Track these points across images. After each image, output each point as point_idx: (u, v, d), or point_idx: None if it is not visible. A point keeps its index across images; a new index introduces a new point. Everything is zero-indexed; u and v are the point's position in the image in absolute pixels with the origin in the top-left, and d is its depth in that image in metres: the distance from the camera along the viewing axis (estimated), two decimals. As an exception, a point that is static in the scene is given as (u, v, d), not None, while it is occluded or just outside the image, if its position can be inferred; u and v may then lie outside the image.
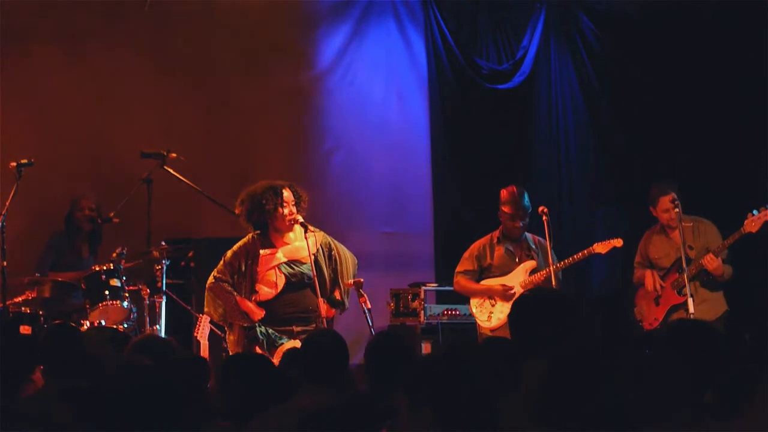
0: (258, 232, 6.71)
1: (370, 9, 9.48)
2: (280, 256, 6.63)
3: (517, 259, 7.52)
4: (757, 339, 7.05)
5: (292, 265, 6.62)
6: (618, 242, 7.39)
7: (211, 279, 6.71)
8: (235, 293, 6.61)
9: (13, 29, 8.49)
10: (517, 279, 7.47)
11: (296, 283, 6.59)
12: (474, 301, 7.58)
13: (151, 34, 8.91)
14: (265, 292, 6.60)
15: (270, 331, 6.53)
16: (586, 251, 7.38)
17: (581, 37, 9.66)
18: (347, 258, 6.81)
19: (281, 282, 6.59)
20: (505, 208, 7.48)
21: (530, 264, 7.48)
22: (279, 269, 6.61)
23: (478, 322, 7.54)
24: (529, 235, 7.58)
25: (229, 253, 6.72)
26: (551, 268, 7.27)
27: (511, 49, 9.68)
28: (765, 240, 7.30)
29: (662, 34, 9.33)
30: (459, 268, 7.65)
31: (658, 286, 7.39)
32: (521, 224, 7.46)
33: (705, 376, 3.34)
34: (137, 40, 8.88)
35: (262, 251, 6.64)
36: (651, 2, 9.37)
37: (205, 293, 6.75)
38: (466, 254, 7.66)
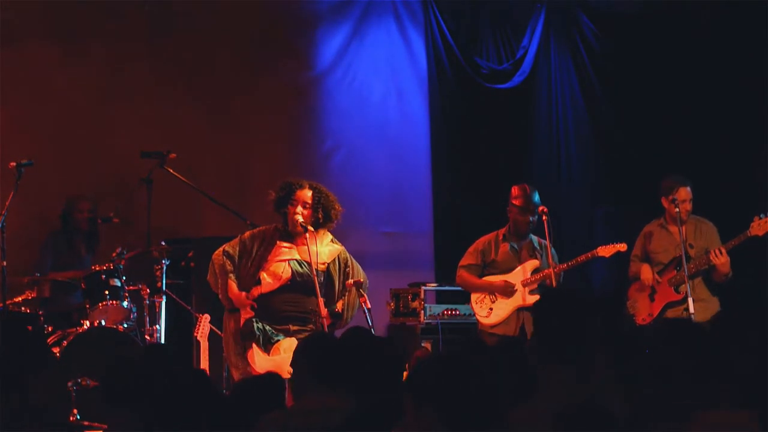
0: (280, 226, 6.65)
1: (370, 9, 9.48)
2: (295, 252, 6.58)
3: (520, 258, 7.53)
4: (755, 341, 7.03)
5: (302, 264, 6.57)
6: (622, 247, 7.36)
7: (219, 250, 6.61)
8: (231, 276, 6.56)
9: (12, 28, 8.48)
10: (520, 277, 7.48)
11: (300, 283, 6.53)
12: (474, 297, 7.57)
13: (151, 34, 8.91)
14: (267, 282, 6.52)
15: (267, 327, 6.50)
16: (589, 254, 7.36)
17: (581, 37, 9.66)
18: (360, 277, 6.72)
19: (286, 276, 6.53)
20: (517, 202, 7.48)
21: (533, 263, 7.48)
22: (289, 264, 6.56)
23: (478, 317, 7.53)
24: (534, 237, 7.59)
25: (247, 233, 6.65)
26: (551, 268, 7.28)
27: (511, 48, 9.68)
28: (764, 244, 7.30)
29: (662, 34, 9.33)
30: (462, 262, 7.63)
31: (654, 280, 7.39)
32: (531, 219, 7.45)
33: (703, 376, 3.33)
34: (137, 40, 8.88)
35: (279, 241, 6.59)
36: (651, 2, 9.37)
37: (210, 263, 6.66)
38: (471, 248, 7.65)
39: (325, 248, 6.58)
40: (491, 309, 7.46)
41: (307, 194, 6.55)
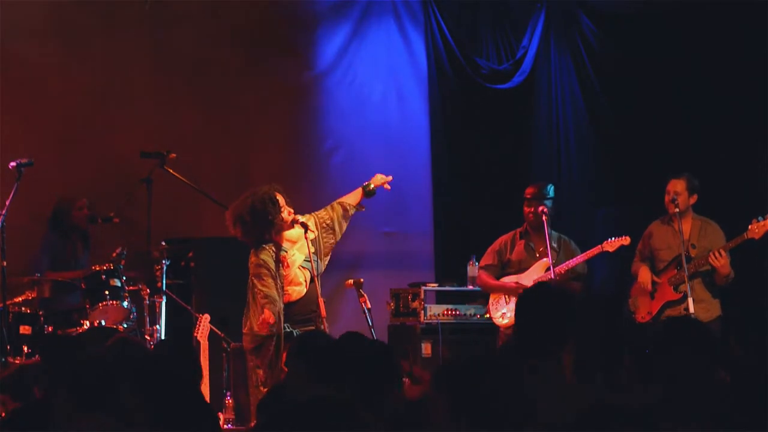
0: (263, 244, 6.50)
1: (370, 9, 9.48)
2: (298, 255, 6.57)
3: (537, 255, 7.58)
4: (755, 343, 7.04)
5: (307, 260, 6.56)
6: (626, 240, 7.54)
7: (266, 302, 6.35)
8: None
9: (12, 28, 8.48)
10: (533, 276, 7.53)
11: (312, 278, 6.54)
12: (492, 298, 7.72)
13: (151, 34, 8.91)
14: (297, 291, 6.49)
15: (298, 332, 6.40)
16: (595, 250, 7.49)
17: (581, 37, 9.65)
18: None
19: (307, 277, 6.51)
20: (526, 194, 7.60)
21: (546, 262, 7.52)
22: (302, 266, 6.55)
23: (493, 319, 7.66)
24: (555, 233, 7.64)
25: (261, 270, 6.41)
26: (552, 269, 7.30)
27: (511, 48, 9.68)
28: (764, 246, 7.29)
29: (662, 34, 9.32)
30: (481, 263, 7.81)
31: (650, 285, 7.40)
32: (535, 209, 7.50)
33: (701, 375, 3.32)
34: (137, 40, 8.88)
35: (281, 254, 6.54)
36: (651, 2, 9.36)
37: (265, 307, 6.35)
38: (490, 248, 7.79)
39: (308, 235, 6.53)
40: (505, 312, 7.57)
41: (281, 197, 6.52)
